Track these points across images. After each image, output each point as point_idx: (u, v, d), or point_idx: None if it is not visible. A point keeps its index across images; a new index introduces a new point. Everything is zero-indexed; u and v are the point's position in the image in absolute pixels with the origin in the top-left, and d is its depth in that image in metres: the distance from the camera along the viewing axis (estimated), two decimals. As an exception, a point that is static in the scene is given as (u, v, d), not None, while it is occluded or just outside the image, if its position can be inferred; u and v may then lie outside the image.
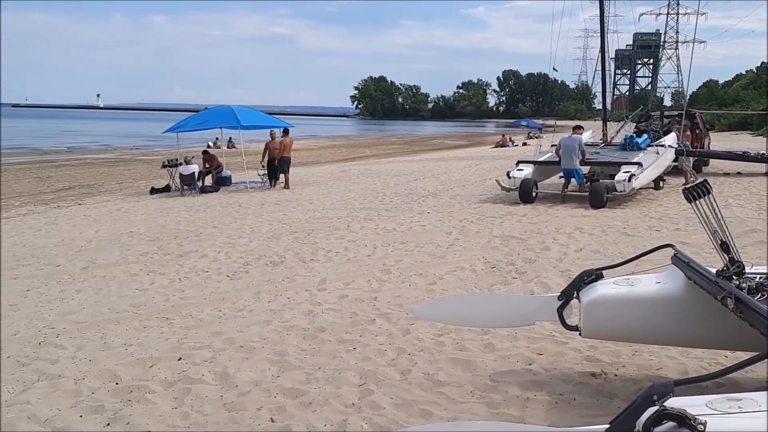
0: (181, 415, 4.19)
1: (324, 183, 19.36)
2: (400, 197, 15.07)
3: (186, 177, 17.90)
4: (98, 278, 8.05)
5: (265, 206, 14.37)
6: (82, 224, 12.45)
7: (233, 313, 6.45)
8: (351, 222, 11.68)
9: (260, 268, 8.38)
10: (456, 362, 4.93)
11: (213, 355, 5.22)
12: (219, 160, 19.76)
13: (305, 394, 4.43)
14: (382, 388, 4.47)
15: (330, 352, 5.24)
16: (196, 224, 12.05)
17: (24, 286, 7.77)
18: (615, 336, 4.54)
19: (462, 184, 17.80)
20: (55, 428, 4.07)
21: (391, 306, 6.46)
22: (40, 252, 9.77)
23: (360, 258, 8.79)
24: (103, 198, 17.35)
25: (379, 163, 29.62)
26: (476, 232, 10.29)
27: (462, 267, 8.03)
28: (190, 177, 17.94)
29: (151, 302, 6.93)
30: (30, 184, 21.04)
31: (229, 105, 21.02)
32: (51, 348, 5.55)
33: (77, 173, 24.85)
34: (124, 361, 5.13)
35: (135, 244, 10.17)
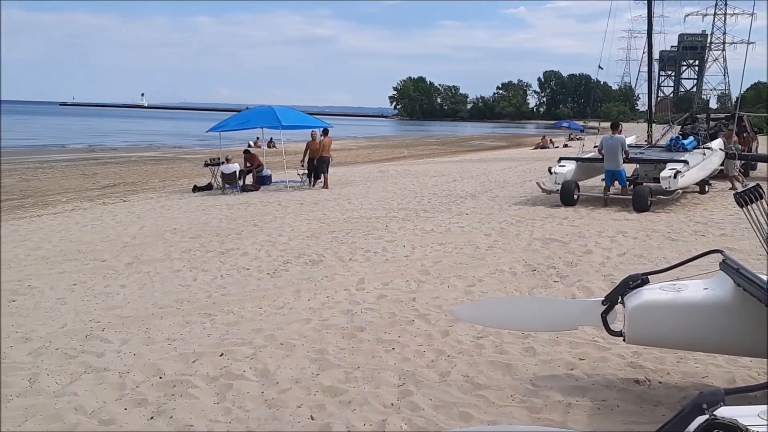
0: (223, 410, 4.24)
1: (362, 183, 19.42)
2: (439, 198, 15.03)
3: (227, 176, 18.15)
4: (142, 274, 8.21)
5: (305, 205, 14.48)
6: (126, 221, 12.72)
7: (273, 311, 6.51)
8: (389, 222, 11.69)
9: (300, 267, 8.44)
10: (496, 365, 4.89)
11: (254, 352, 5.27)
12: (260, 159, 19.98)
13: (344, 392, 4.44)
14: (422, 389, 4.46)
15: (369, 352, 5.25)
16: (237, 222, 12.21)
17: (71, 280, 7.97)
18: (660, 342, 4.45)
19: (501, 186, 17.66)
20: (101, 420, 4.15)
21: (430, 307, 6.45)
22: (86, 247, 10.00)
23: (398, 258, 8.79)
24: (147, 195, 17.70)
25: (417, 163, 29.59)
26: (516, 235, 10.19)
27: (502, 269, 7.97)
28: (232, 176, 18.19)
29: (193, 298, 7.04)
30: (76, 181, 21.57)
31: (270, 105, 21.25)
32: (97, 341, 5.67)
33: (122, 171, 25.41)
34: (168, 356, 5.22)
35: (178, 241, 10.35)
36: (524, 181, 18.54)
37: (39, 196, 17.68)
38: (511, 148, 46.66)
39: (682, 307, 4.09)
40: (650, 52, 21.25)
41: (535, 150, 40.09)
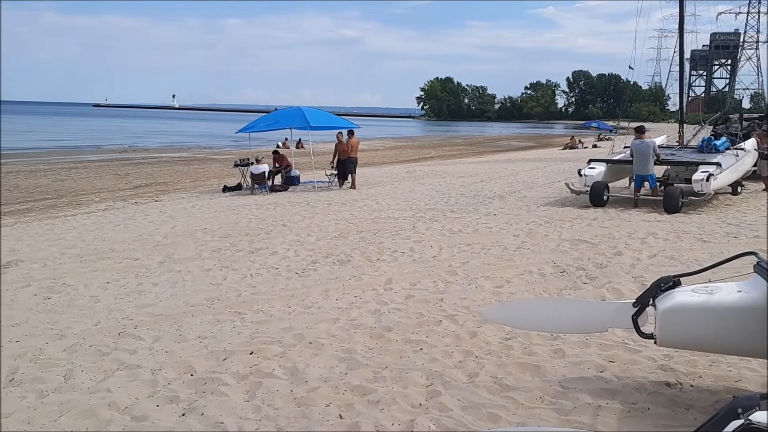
0: (253, 408, 4.29)
1: (389, 183, 19.45)
2: (466, 198, 14.98)
3: (257, 176, 18.32)
4: (174, 272, 8.34)
5: (332, 206, 14.55)
6: (158, 220, 12.92)
7: (302, 310, 6.57)
8: (416, 222, 11.69)
9: (328, 267, 8.50)
10: (524, 367, 4.87)
11: (283, 350, 5.32)
12: (288, 159, 20.13)
13: (373, 392, 4.47)
14: (450, 390, 4.47)
15: (397, 352, 5.26)
16: (266, 222, 12.32)
17: (104, 278, 8.12)
18: (692, 345, 4.39)
19: (529, 187, 17.55)
20: (134, 416, 4.23)
21: (458, 308, 6.44)
22: (119, 246, 10.18)
23: (426, 259, 8.79)
24: (178, 195, 17.94)
25: (444, 164, 29.53)
26: (545, 236, 10.13)
27: (530, 270, 7.92)
28: (261, 176, 18.35)
29: (224, 297, 7.13)
30: (109, 181, 21.95)
31: (298, 106, 21.39)
32: (129, 339, 5.78)
33: (153, 171, 25.78)
34: (199, 354, 5.30)
35: (208, 240, 10.48)
36: (552, 182, 18.39)
37: (73, 196, 18.04)
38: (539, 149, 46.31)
39: (715, 310, 4.03)
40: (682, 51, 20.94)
41: (564, 150, 39.72)
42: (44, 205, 16.23)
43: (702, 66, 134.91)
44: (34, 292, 7.53)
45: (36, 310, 6.81)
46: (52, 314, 6.63)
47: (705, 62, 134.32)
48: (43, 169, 25.93)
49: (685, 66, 22.25)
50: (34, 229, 12.40)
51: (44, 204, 16.50)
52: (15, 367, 5.13)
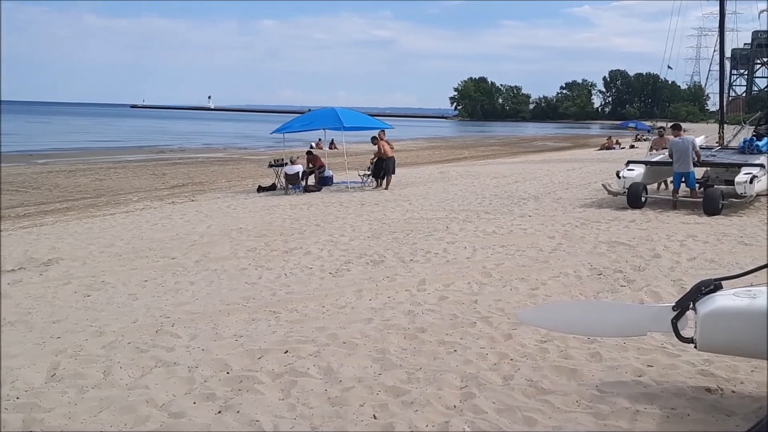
0: (288, 406, 4.32)
1: (422, 184, 19.41)
2: (500, 199, 14.88)
3: (291, 176, 18.45)
4: (210, 271, 8.44)
5: (365, 206, 14.58)
6: (194, 219, 13.10)
7: (336, 310, 6.59)
8: (450, 223, 11.65)
9: (361, 267, 8.51)
10: (561, 370, 4.81)
11: (317, 350, 5.35)
12: (322, 160, 20.24)
13: (407, 393, 4.46)
14: (484, 392, 4.43)
15: (430, 353, 5.24)
16: (300, 222, 12.40)
17: (142, 276, 8.26)
18: (733, 350, 4.29)
19: (565, 188, 17.35)
20: (171, 413, 4.29)
21: (492, 310, 6.39)
22: (157, 245, 10.35)
23: (459, 260, 8.75)
24: (214, 195, 18.17)
25: (477, 164, 29.37)
26: (581, 237, 10.00)
27: (566, 273, 7.83)
28: (295, 176, 18.48)
29: (259, 296, 7.19)
30: (147, 181, 22.34)
31: (332, 106, 21.49)
32: (167, 336, 5.87)
33: (190, 171, 26.16)
34: (234, 352, 5.35)
35: (243, 240, 10.59)
36: (589, 183, 18.16)
37: (111, 195, 18.41)
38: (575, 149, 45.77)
39: (758, 315, 3.93)
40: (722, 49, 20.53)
41: (601, 151, 39.17)
42: (84, 204, 16.59)
43: (743, 65, 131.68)
44: (74, 289, 7.69)
45: (76, 307, 6.96)
46: (91, 311, 6.76)
47: (746, 61, 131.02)
48: (83, 168, 26.50)
49: (725, 65, 21.78)
50: (74, 227, 12.67)
51: (84, 203, 16.86)
52: (56, 363, 5.24)
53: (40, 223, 13.45)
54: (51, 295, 7.43)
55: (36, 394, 4.61)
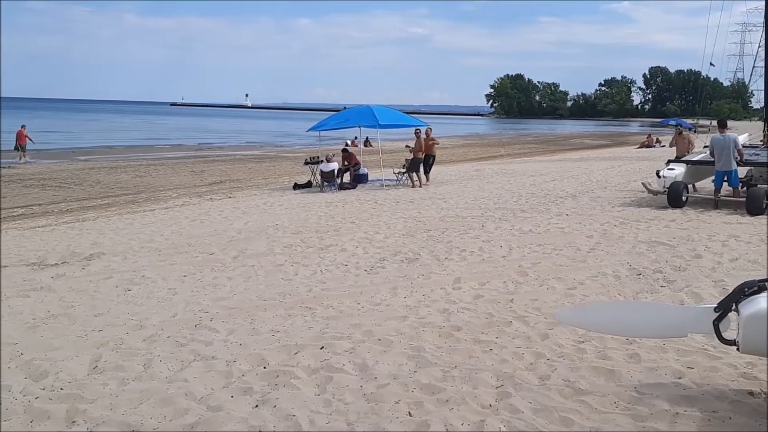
0: (324, 402, 4.35)
1: (458, 182, 19.33)
2: (537, 198, 14.73)
3: (326, 174, 18.55)
4: (247, 267, 8.54)
5: (400, 204, 14.58)
6: (232, 216, 13.26)
7: (371, 307, 6.61)
8: (485, 222, 11.58)
9: (396, 264, 8.52)
10: (598, 371, 4.75)
11: (353, 346, 5.37)
12: (357, 158, 20.30)
13: (442, 391, 4.45)
14: (520, 392, 4.40)
15: (466, 352, 5.22)
16: (335, 219, 12.47)
17: (181, 272, 8.40)
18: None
19: (603, 186, 17.10)
20: (210, 406, 4.35)
21: (528, 309, 6.34)
22: (196, 241, 10.51)
23: (495, 258, 8.69)
24: (251, 192, 18.37)
25: (513, 162, 29.14)
26: (620, 237, 9.85)
27: (604, 272, 7.72)
28: (330, 174, 18.57)
29: (295, 292, 7.26)
30: (186, 178, 22.69)
31: (367, 104, 21.55)
32: (205, 330, 5.96)
33: (227, 168, 26.49)
34: (271, 347, 5.41)
35: (280, 237, 10.69)
36: (628, 182, 17.87)
37: (151, 192, 18.74)
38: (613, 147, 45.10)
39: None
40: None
41: (640, 149, 38.50)
42: (124, 201, 16.93)
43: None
44: (116, 283, 7.86)
45: (117, 301, 7.11)
46: (132, 305, 6.90)
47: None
48: (124, 165, 27.04)
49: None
50: (115, 223, 12.95)
51: (124, 199, 17.21)
52: (98, 355, 5.36)
53: (82, 219, 13.77)
54: (93, 289, 7.60)
55: (79, 386, 4.73)
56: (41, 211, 15.19)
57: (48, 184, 20.10)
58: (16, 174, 23.05)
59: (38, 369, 5.03)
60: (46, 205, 16.02)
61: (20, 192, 18.39)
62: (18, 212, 14.91)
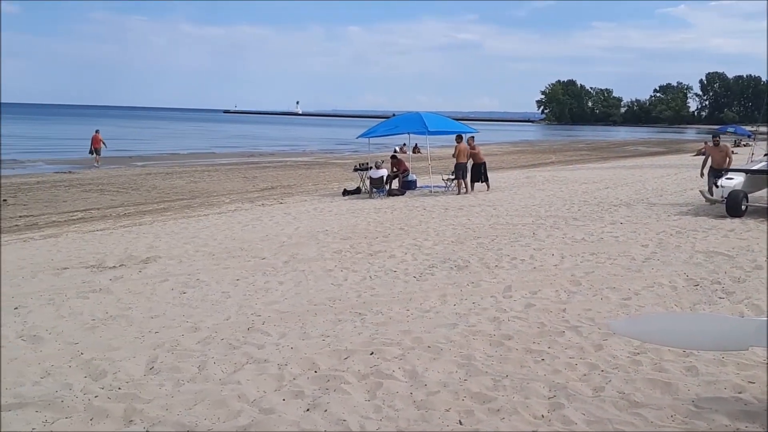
0: (374, 408, 4.36)
1: (508, 189, 19.15)
2: (590, 206, 14.48)
3: (375, 180, 18.62)
4: (298, 272, 8.64)
5: (449, 211, 14.53)
6: (283, 221, 13.44)
7: (420, 314, 6.60)
8: (537, 230, 11.44)
9: (445, 272, 8.49)
10: (654, 383, 4.64)
11: (402, 353, 5.38)
12: (406, 164, 20.32)
13: (493, 400, 4.41)
14: (573, 403, 4.33)
15: (517, 361, 5.17)
16: (384, 225, 12.50)
17: (234, 275, 8.55)
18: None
19: (659, 194, 16.70)
20: (262, 409, 4.41)
21: (582, 319, 6.23)
22: (248, 245, 10.69)
23: (547, 267, 8.57)
24: (301, 198, 18.58)
25: (565, 169, 28.70)
26: (676, 246, 9.59)
27: (660, 283, 7.53)
28: (379, 180, 18.64)
29: (344, 297, 7.30)
30: (238, 183, 23.10)
31: (417, 111, 21.55)
32: (258, 334, 6.05)
33: (278, 174, 26.86)
34: (322, 351, 5.46)
35: (330, 242, 10.78)
36: (684, 190, 17.40)
37: (205, 197, 19.14)
38: (669, 155, 43.97)
39: None
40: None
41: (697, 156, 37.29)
42: (180, 205, 17.33)
43: None
44: (171, 286, 8.04)
45: (173, 303, 7.27)
46: (187, 308, 7.06)
47: None
48: (179, 171, 27.69)
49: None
50: (170, 227, 13.26)
51: (180, 204, 17.62)
52: (154, 356, 5.50)
53: (139, 223, 14.16)
54: (149, 292, 7.80)
55: (136, 386, 4.86)
56: (100, 215, 15.68)
57: (106, 189, 20.75)
58: (76, 179, 23.87)
59: (97, 368, 5.19)
60: (105, 209, 16.53)
61: (80, 196, 19.03)
62: (78, 216, 15.43)
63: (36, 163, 31.62)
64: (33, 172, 27.01)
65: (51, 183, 22.21)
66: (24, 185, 21.30)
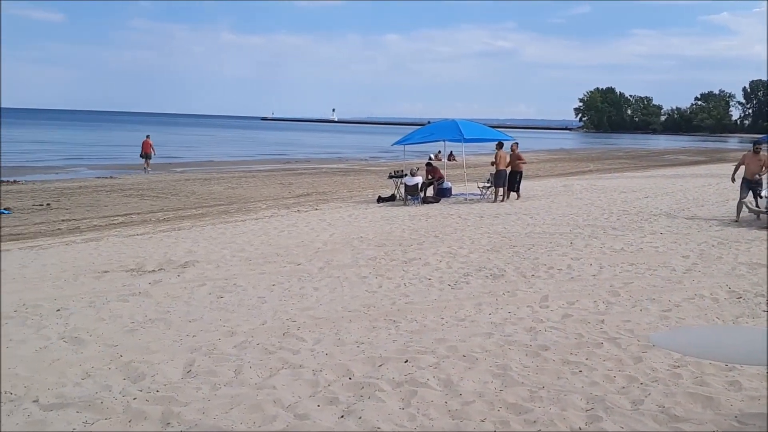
0: (408, 416, 4.35)
1: (544, 197, 18.96)
2: (629, 215, 14.24)
3: (410, 187, 18.60)
4: (333, 278, 8.68)
5: (484, 218, 14.44)
6: (318, 228, 13.51)
7: (455, 322, 6.56)
8: (574, 239, 11.29)
9: (480, 280, 8.43)
10: (695, 397, 4.53)
11: (437, 361, 5.35)
12: (441, 171, 20.26)
13: (529, 411, 4.36)
14: (612, 416, 4.25)
15: (554, 372, 5.10)
16: (418, 233, 12.48)
17: (270, 281, 8.62)
18: None
19: (700, 204, 16.35)
20: (297, 414, 4.44)
21: (621, 331, 6.13)
22: (284, 251, 10.77)
23: (585, 277, 8.46)
24: (336, 204, 18.66)
25: (603, 178, 28.29)
26: (718, 258, 9.37)
27: (701, 295, 7.36)
28: (414, 187, 18.62)
29: (379, 304, 7.31)
30: (274, 190, 23.31)
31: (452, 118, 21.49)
32: (293, 339, 6.08)
33: (314, 181, 27.04)
34: (356, 358, 5.47)
35: (364, 249, 10.80)
36: (726, 200, 16.99)
37: (242, 203, 19.35)
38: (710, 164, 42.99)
39: None
40: None
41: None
42: (217, 211, 17.55)
43: None
44: (209, 291, 8.15)
45: (210, 308, 7.36)
46: (224, 312, 7.14)
47: None
48: (217, 177, 28.06)
49: None
50: (208, 232, 13.44)
51: (217, 209, 17.85)
52: (192, 359, 5.57)
53: (178, 228, 14.37)
54: (187, 296, 7.91)
55: (173, 389, 4.93)
56: (140, 219, 15.96)
57: (146, 194, 21.13)
58: (117, 184, 24.38)
59: (136, 371, 5.28)
60: (145, 214, 16.83)
61: (121, 201, 19.42)
62: (119, 220, 15.74)
63: (78, 168, 32.39)
64: (75, 177, 27.67)
65: (93, 188, 22.71)
66: (67, 190, 21.83)
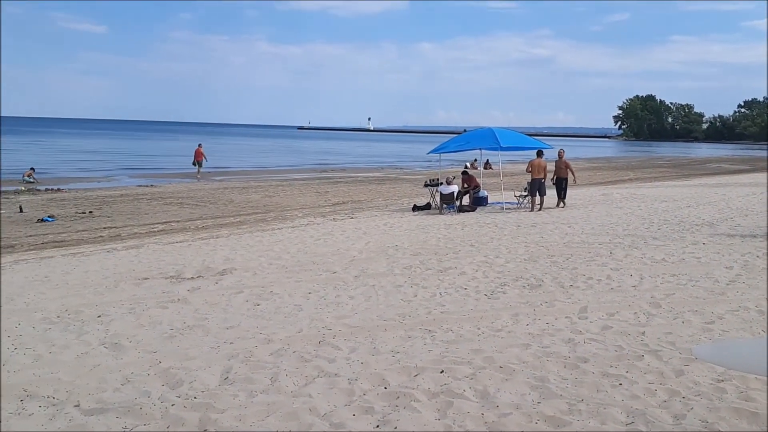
0: (444, 427, 4.31)
1: (583, 206, 18.70)
2: (670, 225, 13.96)
3: (446, 196, 18.55)
4: (368, 287, 8.68)
5: (521, 228, 14.30)
6: (354, 236, 13.55)
7: (492, 333, 6.50)
8: (614, 249, 11.10)
9: (517, 290, 8.34)
10: (740, 413, 4.40)
11: (473, 372, 5.30)
12: (477, 180, 20.15)
13: (568, 425, 4.28)
14: (653, 430, 4.15)
15: (593, 385, 5.01)
16: (454, 242, 12.42)
17: (306, 289, 8.66)
18: None
19: (744, 214, 15.93)
20: (332, 423, 4.43)
21: (662, 343, 5.99)
22: (320, 259, 10.82)
23: (625, 288, 8.30)
24: (372, 213, 18.70)
25: (644, 186, 27.82)
26: (763, 269, 9.11)
27: (746, 307, 7.16)
28: (450, 196, 18.55)
29: (414, 313, 7.28)
30: (311, 198, 23.48)
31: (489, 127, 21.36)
32: (328, 348, 6.10)
33: (350, 189, 27.15)
34: (392, 368, 5.44)
35: (399, 258, 10.78)
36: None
37: (279, 211, 19.53)
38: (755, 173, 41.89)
39: None
40: None
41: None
42: (255, 219, 17.75)
43: None
44: (246, 298, 8.22)
45: (247, 315, 7.43)
46: (260, 320, 7.19)
47: None
48: (254, 186, 28.38)
49: None
50: (246, 240, 13.58)
51: (255, 218, 18.04)
52: (229, 366, 5.62)
53: (216, 235, 14.56)
54: (225, 303, 7.99)
55: (211, 395, 4.97)
56: (179, 227, 16.22)
57: (186, 202, 21.47)
58: (157, 192, 24.83)
59: (174, 377, 5.35)
60: (184, 222, 17.10)
61: (161, 209, 19.77)
62: (158, 228, 16.02)
63: (119, 177, 33.10)
64: (116, 185, 28.28)
65: (133, 196, 23.17)
66: (108, 198, 22.32)
